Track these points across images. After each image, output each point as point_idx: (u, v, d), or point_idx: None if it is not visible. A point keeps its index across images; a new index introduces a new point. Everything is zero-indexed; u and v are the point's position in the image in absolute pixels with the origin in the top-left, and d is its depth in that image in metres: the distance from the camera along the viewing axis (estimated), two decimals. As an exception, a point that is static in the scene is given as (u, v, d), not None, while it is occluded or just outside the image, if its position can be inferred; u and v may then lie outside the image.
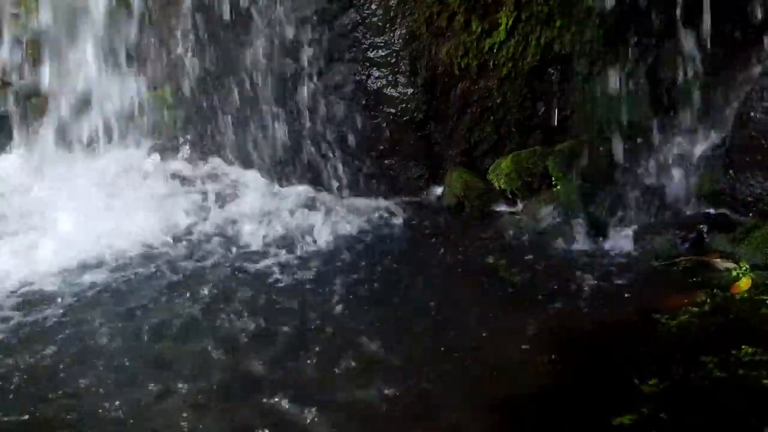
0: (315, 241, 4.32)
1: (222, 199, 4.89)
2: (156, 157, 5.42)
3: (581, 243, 4.08)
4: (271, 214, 4.66)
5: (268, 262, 4.13)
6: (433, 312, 3.62)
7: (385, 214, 4.60)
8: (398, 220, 4.54)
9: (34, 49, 5.53)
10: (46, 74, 5.32)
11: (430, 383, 3.11)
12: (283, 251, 4.23)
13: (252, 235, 4.42)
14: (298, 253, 4.21)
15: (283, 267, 4.07)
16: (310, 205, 4.76)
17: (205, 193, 4.96)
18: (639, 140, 4.45)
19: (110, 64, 5.30)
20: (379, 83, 4.62)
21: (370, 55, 4.61)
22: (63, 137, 5.36)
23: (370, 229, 4.46)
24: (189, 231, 4.52)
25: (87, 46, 5.21)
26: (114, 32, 5.24)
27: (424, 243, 4.31)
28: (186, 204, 4.79)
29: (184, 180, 5.15)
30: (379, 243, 4.32)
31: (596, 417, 2.82)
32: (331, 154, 4.78)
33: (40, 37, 5.28)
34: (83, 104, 5.31)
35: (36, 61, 5.40)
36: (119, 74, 5.36)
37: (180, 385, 3.16)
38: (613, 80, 4.42)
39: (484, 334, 3.42)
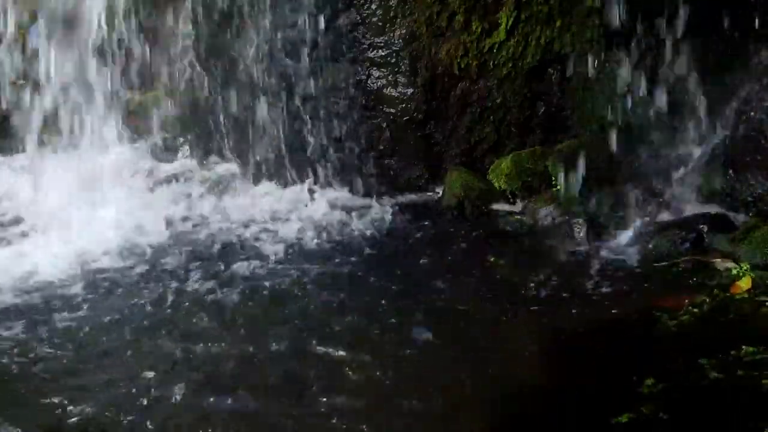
0: (314, 242, 4.32)
1: (221, 199, 4.88)
2: (155, 156, 5.42)
3: (581, 243, 4.08)
4: (272, 214, 4.65)
5: (269, 259, 4.14)
6: (432, 311, 3.61)
7: (385, 214, 4.59)
8: (398, 220, 4.53)
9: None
10: (45, 73, 5.32)
11: (430, 381, 3.10)
12: (283, 251, 4.23)
13: (252, 234, 4.43)
14: (298, 253, 4.21)
15: (283, 266, 4.07)
16: (310, 205, 4.75)
17: (204, 194, 4.96)
18: (639, 140, 4.45)
19: (109, 63, 5.30)
20: (379, 83, 4.62)
21: (370, 55, 4.61)
22: (64, 136, 5.36)
23: (370, 229, 4.45)
24: (189, 231, 4.52)
25: (86, 45, 5.21)
26: (114, 32, 5.24)
27: (423, 243, 4.31)
28: (186, 204, 4.79)
29: (183, 179, 5.14)
30: (379, 243, 4.31)
31: (595, 416, 2.82)
32: (331, 154, 4.78)
33: (39, 36, 5.27)
34: (83, 103, 5.31)
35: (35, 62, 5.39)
36: (119, 73, 5.36)
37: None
38: (613, 80, 4.42)
39: (483, 333, 3.42)
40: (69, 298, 3.83)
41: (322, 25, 4.63)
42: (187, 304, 3.75)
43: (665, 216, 4.14)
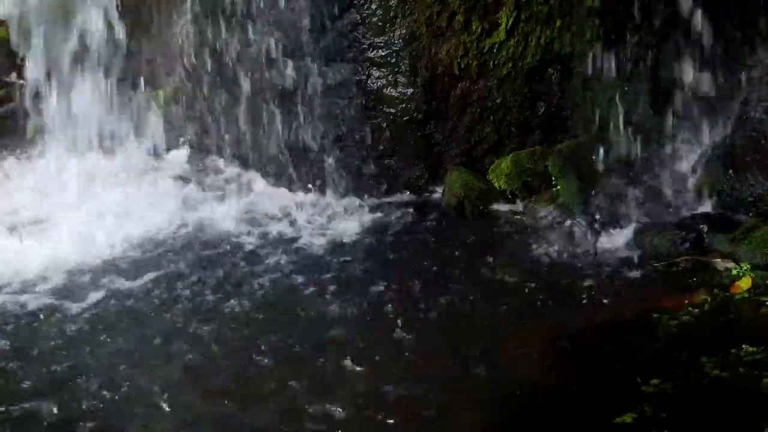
0: (313, 243, 4.31)
1: (222, 200, 4.88)
2: (156, 156, 5.41)
3: (581, 243, 4.08)
4: (271, 214, 4.65)
5: (268, 262, 4.13)
6: (432, 311, 3.61)
7: (385, 214, 4.59)
8: (398, 220, 4.53)
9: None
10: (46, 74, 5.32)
11: (432, 381, 3.11)
12: (282, 252, 4.23)
13: (251, 235, 4.42)
14: (297, 254, 4.21)
15: (282, 268, 4.07)
16: (310, 205, 4.75)
17: (204, 194, 4.95)
18: (639, 140, 4.45)
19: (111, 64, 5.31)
20: (379, 83, 4.62)
21: (370, 55, 4.61)
22: (66, 137, 5.36)
23: (370, 229, 4.45)
24: (189, 231, 4.51)
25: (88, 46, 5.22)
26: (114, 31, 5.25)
27: (423, 243, 4.31)
28: (187, 204, 4.79)
29: (183, 180, 5.14)
30: (379, 243, 4.31)
31: (598, 415, 2.83)
32: (330, 154, 4.78)
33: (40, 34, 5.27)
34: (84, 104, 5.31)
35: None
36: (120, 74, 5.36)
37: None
38: (613, 80, 4.42)
39: (484, 334, 3.42)
40: (64, 307, 3.78)
41: (322, 25, 4.62)
42: (181, 310, 3.74)
43: (665, 216, 4.15)
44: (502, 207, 4.52)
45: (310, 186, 4.84)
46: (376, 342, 3.39)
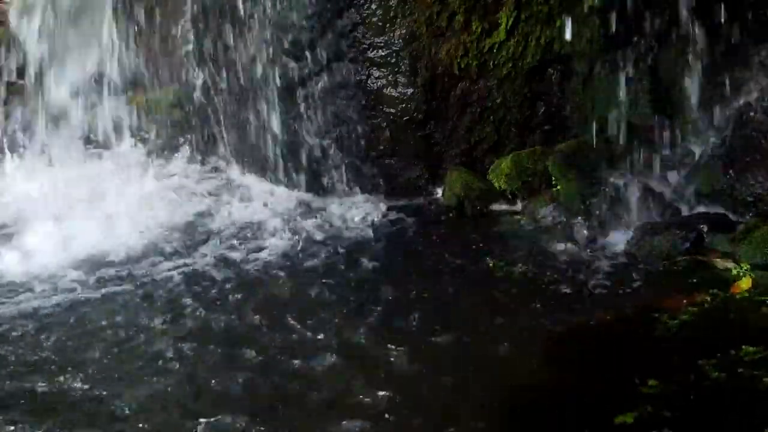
0: (313, 243, 4.31)
1: (220, 201, 4.88)
2: (156, 157, 5.41)
3: (581, 243, 4.08)
4: (271, 215, 4.65)
5: (267, 262, 4.14)
6: (432, 312, 3.62)
7: (385, 215, 4.59)
8: (398, 221, 4.53)
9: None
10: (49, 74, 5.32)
11: (432, 382, 3.11)
12: (282, 252, 4.23)
13: (251, 236, 4.42)
14: (297, 254, 4.21)
15: (282, 268, 4.07)
16: (310, 205, 4.76)
17: (204, 195, 4.95)
18: (639, 140, 4.45)
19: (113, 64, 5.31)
20: (379, 83, 4.62)
21: (370, 55, 4.61)
22: (66, 137, 5.36)
23: (370, 229, 4.46)
24: (189, 231, 4.52)
25: (89, 46, 5.22)
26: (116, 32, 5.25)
27: (423, 243, 4.31)
28: (185, 205, 4.79)
29: (183, 180, 5.14)
30: (380, 243, 4.31)
31: (598, 416, 2.83)
32: (331, 155, 4.78)
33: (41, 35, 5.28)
34: (85, 104, 5.31)
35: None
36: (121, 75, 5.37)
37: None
38: (613, 80, 4.42)
39: (484, 334, 3.42)
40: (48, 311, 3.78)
41: (322, 25, 4.62)
42: (176, 316, 3.72)
43: (665, 216, 4.15)
44: (502, 207, 4.52)
45: (309, 187, 4.85)
46: (372, 341, 3.39)
